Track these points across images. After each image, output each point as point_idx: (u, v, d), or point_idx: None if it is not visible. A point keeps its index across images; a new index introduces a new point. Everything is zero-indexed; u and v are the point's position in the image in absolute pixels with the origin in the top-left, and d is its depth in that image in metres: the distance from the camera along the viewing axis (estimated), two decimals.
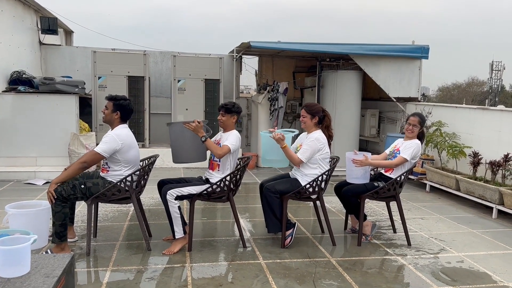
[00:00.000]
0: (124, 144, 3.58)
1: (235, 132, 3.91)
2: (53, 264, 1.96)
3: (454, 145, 6.31)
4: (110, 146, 3.52)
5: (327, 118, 4.08)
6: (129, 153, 3.65)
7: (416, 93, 7.88)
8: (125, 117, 3.72)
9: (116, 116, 3.66)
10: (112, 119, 3.67)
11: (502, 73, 44.02)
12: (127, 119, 3.76)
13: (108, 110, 3.67)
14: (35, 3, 8.11)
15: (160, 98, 9.20)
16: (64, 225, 3.44)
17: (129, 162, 3.67)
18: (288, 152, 3.89)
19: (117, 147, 3.55)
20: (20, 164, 6.84)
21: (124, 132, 3.65)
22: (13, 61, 7.40)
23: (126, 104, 3.70)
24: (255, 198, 5.93)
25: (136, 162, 3.78)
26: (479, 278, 3.41)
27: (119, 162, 3.63)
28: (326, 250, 3.92)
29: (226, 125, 3.93)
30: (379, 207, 5.51)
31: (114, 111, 3.66)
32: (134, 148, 3.73)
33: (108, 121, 3.71)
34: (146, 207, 5.05)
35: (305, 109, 4.07)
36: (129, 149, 3.65)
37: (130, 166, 3.70)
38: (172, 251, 3.68)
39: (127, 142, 3.62)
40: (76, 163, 3.49)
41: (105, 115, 3.69)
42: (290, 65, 9.88)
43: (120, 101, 3.67)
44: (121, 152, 3.59)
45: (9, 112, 6.84)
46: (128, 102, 3.72)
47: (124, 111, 3.68)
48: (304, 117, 4.05)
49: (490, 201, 5.30)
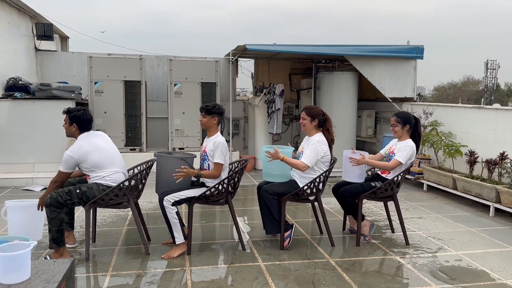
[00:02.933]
0: (79, 155, 3.52)
1: (218, 140, 3.79)
2: (53, 269, 1.96)
3: (451, 144, 6.34)
4: (68, 163, 3.52)
5: (328, 121, 4.08)
6: (91, 157, 3.56)
7: (412, 93, 7.91)
8: (83, 128, 3.67)
9: (74, 128, 3.66)
10: (72, 132, 3.69)
11: (497, 72, 44.31)
12: (86, 129, 3.69)
13: (66, 124, 3.69)
14: (30, 10, 8.12)
15: (157, 102, 9.20)
16: (61, 230, 3.45)
17: (98, 165, 3.60)
18: (289, 162, 3.85)
19: (76, 161, 3.54)
20: (18, 171, 6.83)
21: (79, 144, 3.59)
22: (9, 67, 7.39)
23: (80, 115, 3.65)
24: (253, 200, 5.94)
25: (110, 160, 3.67)
26: (478, 276, 3.43)
27: (90, 169, 3.61)
28: (325, 251, 3.94)
29: (208, 126, 3.90)
30: (377, 207, 5.53)
31: (71, 124, 3.66)
32: (98, 150, 3.61)
33: (70, 135, 3.74)
34: (144, 212, 5.05)
35: (305, 111, 4.07)
36: (90, 155, 3.56)
37: (106, 164, 3.63)
38: (171, 256, 3.68)
39: (83, 151, 3.53)
40: (50, 183, 3.57)
41: (65, 129, 3.72)
42: (286, 67, 9.91)
43: (73, 112, 3.65)
44: (85, 162, 3.56)
45: (5, 119, 6.83)
46: (82, 113, 3.66)
47: (80, 122, 3.65)
48: (304, 120, 4.05)
49: (487, 200, 5.33)
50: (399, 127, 4.13)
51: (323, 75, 8.15)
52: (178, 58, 8.30)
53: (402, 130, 4.13)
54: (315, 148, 3.89)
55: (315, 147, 3.89)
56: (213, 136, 3.88)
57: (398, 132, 4.15)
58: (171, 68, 7.94)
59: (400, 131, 4.14)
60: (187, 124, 7.98)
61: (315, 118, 4.02)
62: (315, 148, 3.89)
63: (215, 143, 3.77)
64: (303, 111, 4.09)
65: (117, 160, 3.76)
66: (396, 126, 4.15)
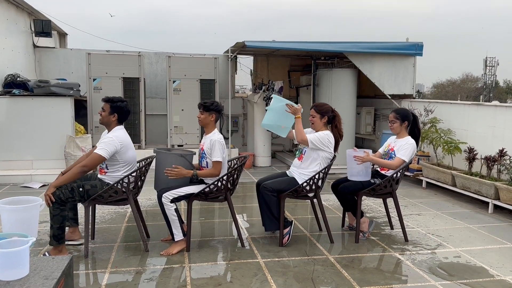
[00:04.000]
0: (123, 145, 3.60)
1: (215, 138, 3.78)
2: (52, 266, 1.96)
3: (450, 141, 6.34)
4: (111, 148, 3.52)
5: (337, 118, 4.11)
6: (127, 154, 3.66)
7: (411, 90, 7.91)
8: (122, 119, 3.73)
9: (114, 118, 3.67)
10: (110, 121, 3.68)
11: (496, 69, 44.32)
12: (124, 121, 3.76)
13: (105, 112, 3.67)
14: (28, 6, 8.08)
15: (156, 99, 9.19)
16: (62, 227, 3.44)
17: (127, 163, 3.69)
18: (299, 125, 3.92)
19: (117, 149, 3.56)
20: (16, 168, 6.81)
21: (122, 134, 3.66)
22: (7, 64, 7.37)
23: (123, 106, 3.70)
24: (252, 197, 5.94)
25: (134, 163, 3.79)
26: (476, 273, 3.44)
27: (118, 163, 3.64)
28: (324, 247, 3.94)
29: (205, 123, 3.88)
30: (376, 204, 5.53)
31: (111, 113, 3.66)
32: (132, 149, 3.75)
33: (105, 123, 3.71)
34: (144, 208, 5.05)
35: (314, 109, 4.10)
36: (127, 150, 3.66)
37: (129, 167, 3.71)
38: (170, 252, 3.68)
39: (126, 143, 3.64)
40: (76, 167, 3.48)
41: (102, 117, 3.69)
42: (285, 64, 9.89)
43: (117, 103, 3.68)
44: (121, 153, 3.61)
45: (4, 116, 6.81)
46: (125, 104, 3.73)
47: (121, 113, 3.69)
48: (314, 117, 4.07)
49: (486, 196, 5.33)
50: (397, 123, 4.13)
51: (322, 72, 8.14)
52: (177, 54, 8.28)
53: (400, 126, 4.14)
54: (322, 136, 3.94)
55: (322, 136, 3.94)
56: (210, 133, 3.87)
57: (396, 129, 4.15)
58: (169, 65, 7.92)
59: (398, 127, 4.14)
60: (186, 121, 7.97)
61: (325, 115, 4.05)
62: (322, 137, 3.94)
63: (212, 141, 3.76)
64: (313, 108, 4.12)
65: (135, 165, 3.84)
66: (394, 122, 4.15)
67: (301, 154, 4.09)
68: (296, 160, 4.13)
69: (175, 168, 3.60)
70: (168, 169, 3.60)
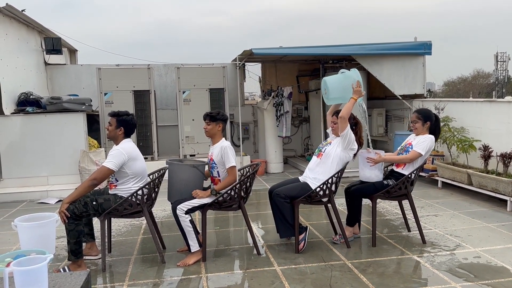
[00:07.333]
0: (130, 156, 3.62)
1: (224, 144, 3.81)
2: (70, 282, 1.97)
3: (463, 140, 6.26)
4: (118, 159, 3.55)
5: (359, 125, 4.17)
6: (135, 165, 3.68)
7: (422, 89, 7.84)
8: (129, 132, 3.75)
9: (120, 132, 3.70)
10: (116, 135, 3.72)
11: (508, 64, 43.71)
12: (130, 134, 3.78)
13: (112, 127, 3.71)
14: (38, 25, 8.23)
15: (167, 110, 9.25)
16: (79, 242, 3.47)
17: (136, 175, 3.71)
18: (351, 105, 3.96)
19: (125, 160, 3.58)
20: (32, 184, 6.91)
21: (129, 145, 3.69)
22: (20, 83, 7.50)
23: (129, 119, 3.73)
24: (266, 204, 5.92)
25: (144, 174, 3.80)
26: (498, 273, 3.37)
27: (127, 175, 3.66)
28: (340, 253, 3.90)
29: (212, 133, 3.90)
30: (391, 206, 5.47)
31: (118, 127, 3.70)
32: (140, 160, 3.76)
33: (112, 137, 3.75)
34: (159, 220, 5.07)
35: (335, 115, 4.13)
36: (135, 161, 3.68)
37: (138, 179, 3.73)
38: (186, 263, 3.68)
39: (133, 154, 3.66)
40: (86, 181, 3.53)
41: (109, 131, 3.73)
42: (293, 69, 9.89)
43: (123, 116, 3.71)
44: (129, 165, 3.63)
45: (18, 133, 6.92)
46: (131, 117, 3.76)
47: (127, 126, 3.72)
48: (335, 124, 4.10)
49: (503, 194, 5.24)
50: (419, 123, 4.13)
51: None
52: (185, 65, 8.34)
53: (423, 127, 4.13)
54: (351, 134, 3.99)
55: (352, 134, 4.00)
56: (218, 142, 3.89)
57: (419, 129, 4.15)
58: (179, 76, 7.98)
59: (421, 127, 4.14)
60: (197, 131, 7.99)
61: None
62: (351, 135, 4.00)
63: (222, 148, 3.78)
64: (334, 115, 4.15)
65: (146, 176, 3.84)
66: (416, 122, 4.15)
67: (320, 152, 4.09)
68: (313, 160, 4.11)
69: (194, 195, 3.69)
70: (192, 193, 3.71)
